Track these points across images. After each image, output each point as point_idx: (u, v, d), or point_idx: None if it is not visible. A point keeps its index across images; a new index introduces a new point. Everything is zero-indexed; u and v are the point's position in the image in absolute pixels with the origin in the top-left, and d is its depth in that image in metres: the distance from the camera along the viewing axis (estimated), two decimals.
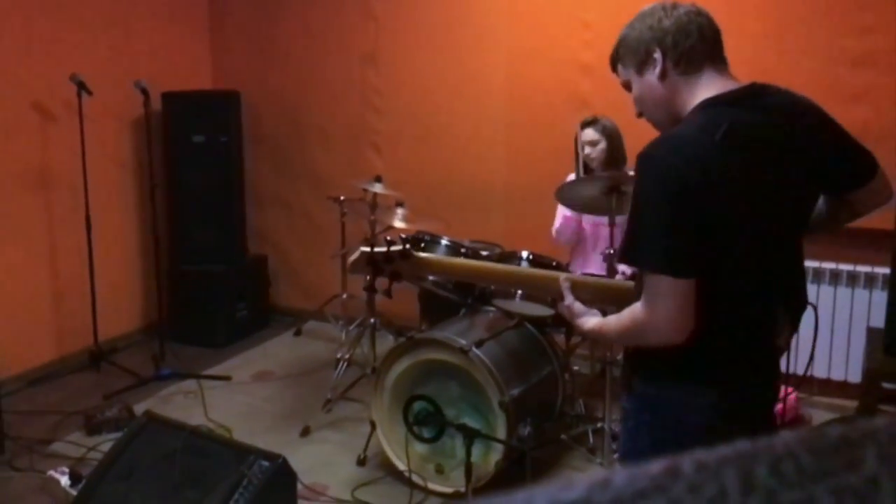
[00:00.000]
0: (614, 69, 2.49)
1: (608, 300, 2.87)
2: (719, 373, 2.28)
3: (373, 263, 2.68)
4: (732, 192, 2.14)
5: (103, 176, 6.48)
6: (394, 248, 2.69)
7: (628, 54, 2.37)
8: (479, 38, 6.45)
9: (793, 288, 2.43)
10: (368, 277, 2.76)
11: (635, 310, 2.23)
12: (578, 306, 2.57)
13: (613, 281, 3.07)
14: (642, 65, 2.33)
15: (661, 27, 2.28)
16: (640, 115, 2.45)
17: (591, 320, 2.52)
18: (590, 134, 5.05)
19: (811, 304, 2.47)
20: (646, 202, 2.14)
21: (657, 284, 2.13)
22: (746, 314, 2.29)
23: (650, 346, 2.26)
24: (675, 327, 2.13)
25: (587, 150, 5.03)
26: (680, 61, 2.28)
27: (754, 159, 2.19)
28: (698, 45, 2.28)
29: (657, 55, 2.29)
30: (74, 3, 6.26)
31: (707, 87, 2.27)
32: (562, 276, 2.66)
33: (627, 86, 2.44)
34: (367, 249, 2.70)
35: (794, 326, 2.46)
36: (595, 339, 3.19)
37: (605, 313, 2.62)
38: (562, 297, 2.62)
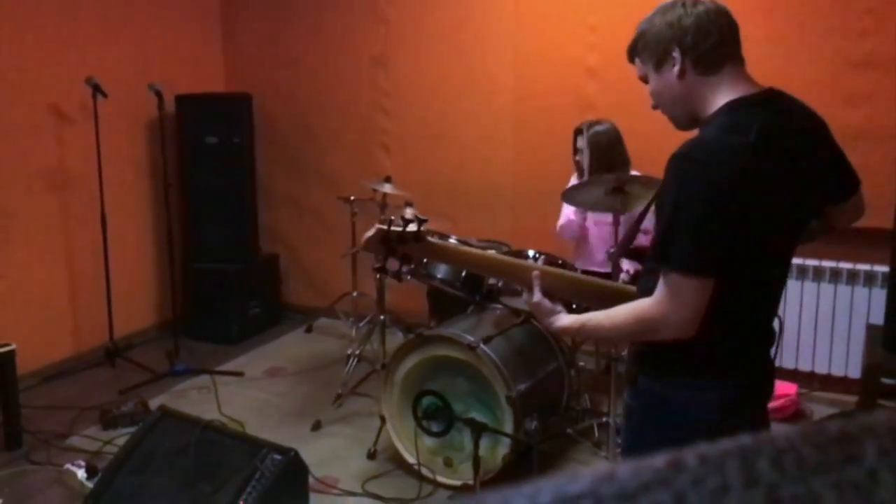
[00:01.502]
0: (631, 61, 2.44)
1: (583, 296, 2.86)
2: (724, 370, 2.27)
3: (386, 242, 2.67)
4: (760, 194, 2.13)
5: (118, 176, 6.50)
6: (409, 228, 2.67)
7: (647, 50, 2.33)
8: (486, 41, 6.45)
9: (778, 294, 2.42)
10: (380, 257, 2.73)
11: (643, 307, 2.21)
12: (546, 304, 2.55)
13: (588, 278, 3.05)
14: (660, 62, 2.29)
15: (682, 25, 2.23)
16: (655, 107, 2.42)
17: (564, 318, 2.50)
18: (578, 142, 5.06)
19: (778, 315, 2.46)
20: (681, 203, 2.11)
21: (685, 284, 2.11)
22: (753, 314, 2.29)
23: (654, 342, 2.26)
24: (691, 324, 2.12)
25: (577, 156, 5.07)
26: (699, 61, 2.24)
27: (780, 162, 2.17)
28: (719, 46, 2.24)
29: (676, 54, 2.25)
30: (90, 8, 6.27)
31: (729, 88, 2.24)
32: (534, 270, 2.64)
33: (644, 79, 2.40)
34: (384, 227, 2.68)
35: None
36: (570, 335, 3.17)
37: (570, 309, 2.61)
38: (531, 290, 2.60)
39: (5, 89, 5.68)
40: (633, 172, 5.06)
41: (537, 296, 2.56)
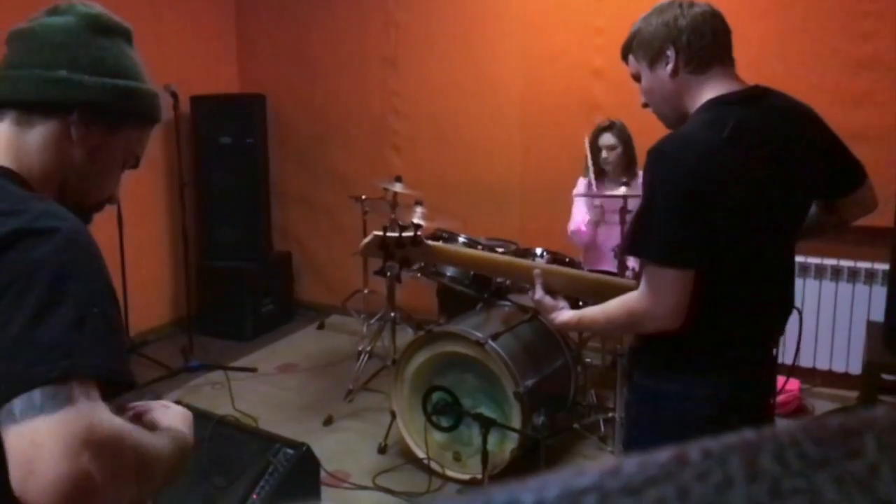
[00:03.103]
0: (625, 58, 2.48)
1: (582, 292, 2.88)
2: (716, 365, 2.27)
3: (384, 248, 2.70)
4: (736, 188, 2.13)
5: (134, 176, 6.42)
6: (405, 234, 2.69)
7: (641, 48, 2.36)
8: (494, 43, 6.45)
9: (784, 289, 2.42)
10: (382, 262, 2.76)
11: (631, 299, 2.23)
12: (548, 300, 2.59)
13: (590, 274, 3.07)
14: (654, 60, 2.32)
15: (677, 26, 2.26)
16: (645, 105, 2.45)
17: (565, 313, 2.54)
18: (608, 139, 5.05)
19: (796, 307, 2.46)
20: (655, 196, 2.13)
21: (662, 275, 2.13)
22: (743, 308, 2.27)
23: (646, 337, 2.28)
24: (674, 316, 2.13)
25: (605, 154, 5.05)
26: (691, 60, 2.26)
27: (758, 158, 2.18)
28: (711, 46, 2.27)
29: (670, 52, 2.27)
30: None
31: (714, 87, 2.26)
32: (535, 268, 2.67)
33: (637, 77, 2.43)
34: (380, 233, 2.70)
35: (781, 328, 2.47)
36: (570, 330, 3.19)
37: (577, 306, 2.63)
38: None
39: None
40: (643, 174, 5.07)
41: (539, 292, 2.61)
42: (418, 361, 4.55)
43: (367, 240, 2.73)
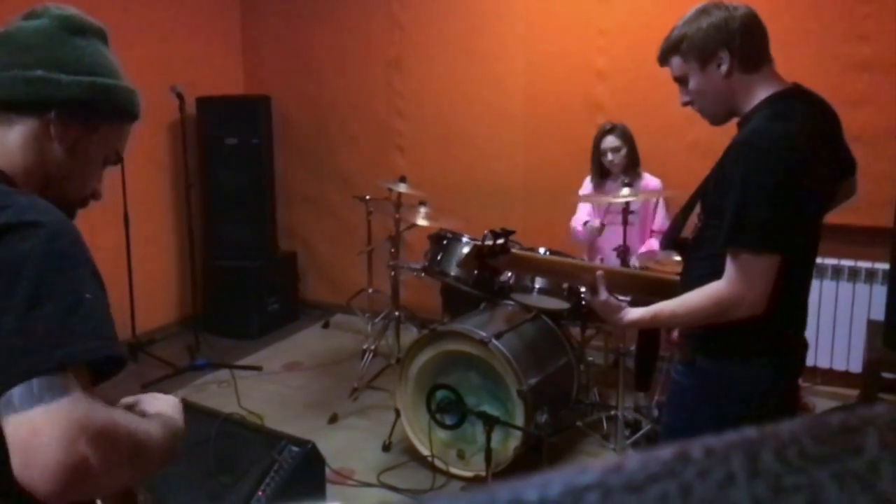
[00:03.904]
0: (665, 62, 2.51)
1: (635, 290, 2.91)
2: (772, 348, 2.37)
3: (480, 258, 2.69)
4: (810, 177, 2.23)
5: (141, 176, 6.52)
6: (498, 241, 2.69)
7: (692, 51, 2.39)
8: (498, 45, 6.45)
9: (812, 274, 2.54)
10: (476, 272, 2.75)
11: (719, 289, 2.27)
12: (613, 301, 2.60)
13: (637, 271, 3.10)
14: (707, 62, 2.38)
15: (729, 28, 2.33)
16: (687, 104, 2.50)
17: (634, 311, 2.55)
18: (612, 141, 5.05)
19: None
20: (751, 188, 2.19)
21: (756, 263, 2.21)
22: (797, 292, 2.40)
23: (712, 325, 2.33)
24: (763, 301, 2.22)
25: (610, 156, 5.05)
26: (745, 61, 2.35)
27: (820, 149, 2.29)
28: (760, 47, 2.37)
29: (724, 54, 2.34)
30: (113, 13, 6.29)
31: (767, 84, 2.36)
32: (599, 269, 2.67)
33: (682, 79, 2.47)
34: (478, 243, 2.69)
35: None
36: (640, 328, 3.17)
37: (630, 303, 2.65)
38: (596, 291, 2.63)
39: None
40: (647, 176, 5.09)
41: (604, 294, 2.60)
42: (422, 360, 4.55)
43: (466, 251, 2.74)
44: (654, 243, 5.09)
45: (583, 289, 4.12)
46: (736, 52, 2.33)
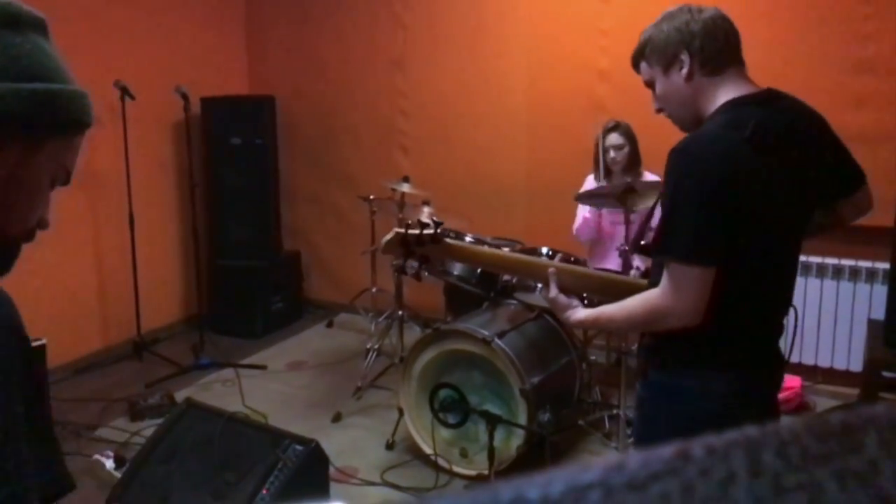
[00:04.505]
0: (636, 67, 2.48)
1: (592, 290, 2.88)
2: (730, 361, 2.29)
3: (405, 245, 2.68)
4: (757, 187, 2.16)
5: (145, 176, 6.53)
6: (426, 231, 2.68)
7: (655, 54, 2.37)
8: (501, 45, 6.45)
9: (788, 287, 2.45)
10: (399, 259, 2.73)
11: (653, 297, 2.24)
12: (562, 298, 2.56)
13: (600, 272, 3.07)
14: (669, 65, 2.34)
15: (690, 31, 2.29)
16: (659, 111, 2.47)
17: (580, 312, 2.53)
18: (615, 139, 5.06)
19: (793, 305, 2.49)
20: (680, 196, 2.16)
21: (685, 273, 2.15)
22: (757, 305, 2.30)
23: (662, 332, 2.29)
24: (696, 313, 2.15)
25: (612, 154, 5.05)
26: (706, 64, 2.29)
27: (776, 158, 2.20)
28: (724, 49, 2.30)
29: (684, 57, 2.30)
30: (118, 13, 6.30)
31: (730, 88, 2.29)
32: (551, 266, 2.64)
33: (650, 84, 2.44)
34: (402, 231, 2.69)
35: (782, 325, 2.49)
36: (585, 328, 3.17)
37: (585, 303, 2.62)
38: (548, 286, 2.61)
39: None
40: (649, 174, 5.08)
41: (553, 291, 2.58)
42: (426, 359, 4.56)
43: (388, 237, 2.72)
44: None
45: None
46: (696, 54, 2.29)
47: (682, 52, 2.30)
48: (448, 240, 2.74)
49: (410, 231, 2.66)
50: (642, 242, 2.59)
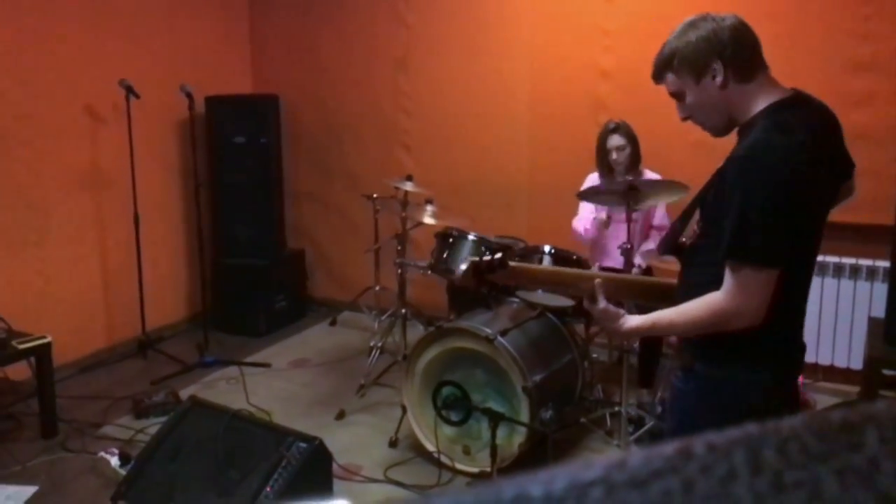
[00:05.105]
0: (659, 79, 2.48)
1: (632, 296, 2.90)
2: (771, 355, 2.36)
3: (478, 274, 2.69)
4: (812, 188, 2.22)
5: (150, 175, 6.53)
6: (496, 256, 2.69)
7: (685, 65, 2.37)
8: (503, 44, 6.44)
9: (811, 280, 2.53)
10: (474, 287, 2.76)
11: (717, 300, 2.26)
12: (612, 309, 2.56)
13: (634, 277, 3.08)
14: (701, 75, 2.35)
15: (720, 39, 2.31)
16: (686, 119, 2.48)
17: (633, 319, 2.51)
18: (617, 140, 5.06)
19: None
20: (749, 201, 2.17)
21: (755, 276, 2.19)
22: (797, 301, 2.39)
23: (723, 332, 2.31)
24: (760, 314, 2.20)
25: (614, 154, 5.06)
26: (739, 71, 2.31)
27: (822, 158, 2.26)
28: (753, 55, 2.34)
29: (717, 66, 2.31)
30: (123, 13, 6.30)
31: (765, 93, 2.32)
32: (597, 279, 2.63)
33: (679, 95, 2.44)
34: (476, 259, 2.70)
35: None
36: (639, 336, 3.15)
37: (620, 307, 2.63)
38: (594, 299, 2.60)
39: (42, 91, 5.72)
40: (649, 172, 5.09)
41: (602, 302, 2.56)
42: (428, 357, 4.56)
43: (464, 268, 2.74)
44: (655, 238, 5.11)
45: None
46: (728, 62, 2.30)
47: (715, 60, 2.31)
48: (513, 263, 2.77)
49: (484, 259, 2.69)
50: (682, 240, 2.59)
